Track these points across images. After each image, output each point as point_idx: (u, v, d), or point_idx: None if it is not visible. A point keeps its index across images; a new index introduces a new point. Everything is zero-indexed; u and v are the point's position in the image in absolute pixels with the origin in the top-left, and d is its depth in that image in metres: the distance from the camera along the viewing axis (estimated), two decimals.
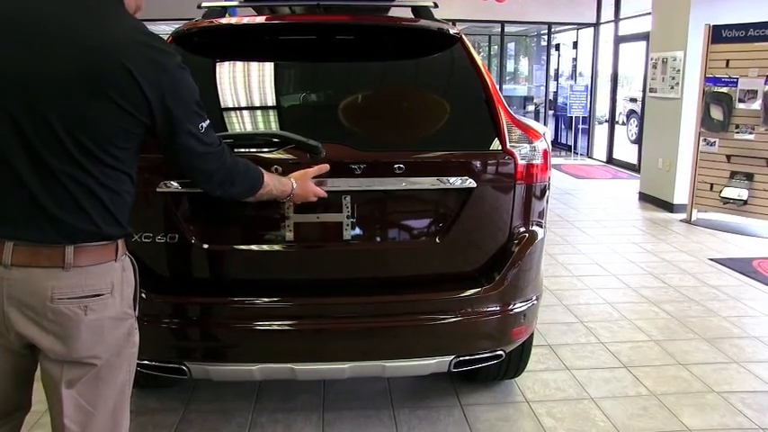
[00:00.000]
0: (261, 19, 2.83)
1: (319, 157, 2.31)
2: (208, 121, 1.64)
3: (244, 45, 2.72)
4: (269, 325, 2.37)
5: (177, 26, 2.74)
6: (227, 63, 2.65)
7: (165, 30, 12.68)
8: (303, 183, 2.17)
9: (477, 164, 2.44)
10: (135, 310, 1.64)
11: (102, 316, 1.51)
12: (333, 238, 2.42)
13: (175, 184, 2.29)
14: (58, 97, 1.40)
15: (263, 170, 1.98)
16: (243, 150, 2.41)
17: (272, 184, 2.00)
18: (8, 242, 1.43)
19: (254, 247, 2.43)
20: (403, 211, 2.55)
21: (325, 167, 2.25)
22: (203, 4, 2.96)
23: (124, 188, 1.55)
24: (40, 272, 1.44)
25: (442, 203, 2.49)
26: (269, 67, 2.68)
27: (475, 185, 2.42)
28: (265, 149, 2.38)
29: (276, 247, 2.43)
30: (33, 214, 1.44)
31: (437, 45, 2.65)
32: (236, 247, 2.43)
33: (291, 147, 2.34)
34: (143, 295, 2.32)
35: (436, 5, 3.03)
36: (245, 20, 2.70)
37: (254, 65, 2.67)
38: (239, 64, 2.66)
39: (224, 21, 2.72)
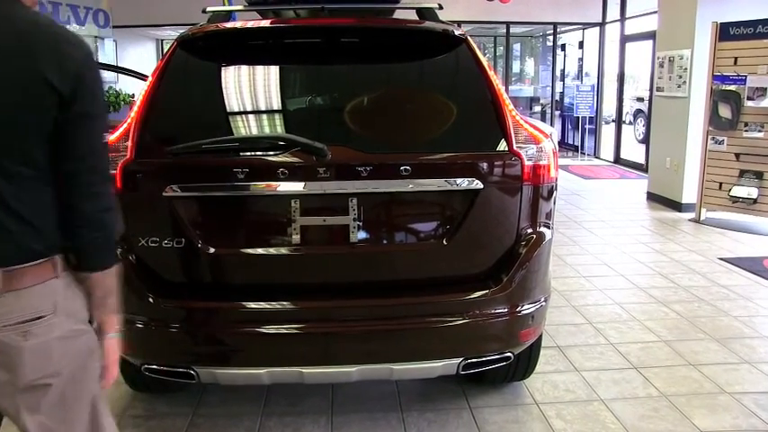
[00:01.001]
0: (266, 23, 2.84)
1: (325, 159, 2.30)
2: (108, 135, 1.50)
3: (249, 49, 2.72)
4: (277, 329, 2.37)
5: (182, 31, 2.75)
6: (232, 67, 2.65)
7: (170, 35, 12.74)
8: (112, 351, 1.68)
9: (484, 165, 2.43)
10: (91, 322, 1.52)
11: (46, 339, 1.39)
12: (339, 240, 2.42)
13: (182, 188, 2.29)
14: None
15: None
16: (249, 154, 2.42)
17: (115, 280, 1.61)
18: None
19: (260, 250, 2.42)
20: (410, 214, 2.54)
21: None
22: (208, 9, 2.97)
23: (50, 200, 1.40)
24: None
25: (449, 205, 2.48)
26: (274, 71, 2.69)
27: (482, 187, 2.41)
28: (271, 153, 2.38)
29: (283, 251, 2.42)
30: None
31: (442, 47, 2.64)
32: (242, 250, 2.43)
33: (297, 150, 2.34)
34: (150, 300, 2.35)
35: (441, 7, 3.02)
36: (250, 24, 2.70)
37: (259, 68, 2.67)
38: (244, 68, 2.66)
39: (228, 25, 2.73)
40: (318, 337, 2.41)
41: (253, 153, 2.41)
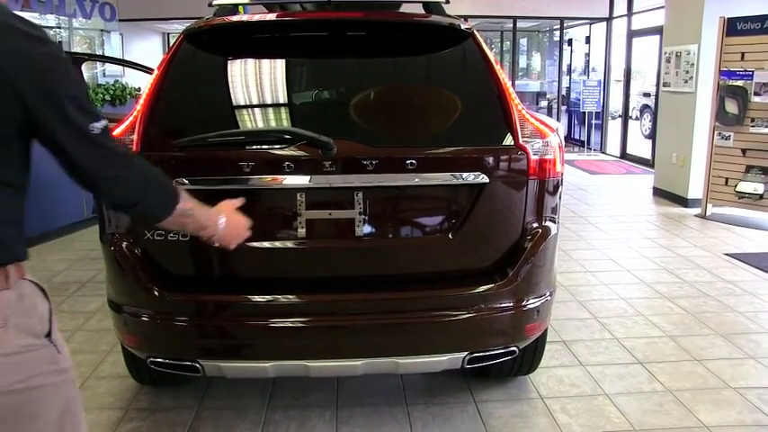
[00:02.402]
0: (272, 16, 2.83)
1: (331, 153, 2.31)
2: (104, 122, 1.35)
3: (255, 42, 2.72)
4: (282, 322, 2.38)
5: (188, 24, 2.75)
6: (238, 61, 2.66)
7: (177, 28, 12.75)
8: (232, 216, 1.82)
9: (490, 159, 2.42)
10: (50, 335, 1.37)
11: None
12: (345, 234, 2.42)
13: (186, 181, 2.30)
14: None
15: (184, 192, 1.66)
16: (255, 147, 2.42)
17: (194, 204, 1.63)
18: None
19: (266, 244, 2.43)
20: (415, 208, 2.54)
21: (239, 203, 1.91)
22: (214, 2, 2.97)
23: (7, 204, 1.29)
24: None
25: (455, 199, 2.48)
26: (280, 65, 2.69)
27: (487, 181, 2.40)
28: (277, 146, 2.38)
29: (289, 244, 2.43)
30: None
31: (449, 41, 2.64)
32: (248, 244, 2.43)
33: (303, 143, 2.34)
34: (156, 293, 2.35)
35: (448, 1, 3.02)
36: (257, 17, 2.70)
37: (265, 62, 2.67)
38: (250, 61, 2.66)
39: (235, 18, 2.73)
40: (324, 330, 2.41)
41: (259, 146, 2.41)
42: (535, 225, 2.53)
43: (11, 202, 1.30)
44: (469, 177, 2.40)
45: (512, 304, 2.46)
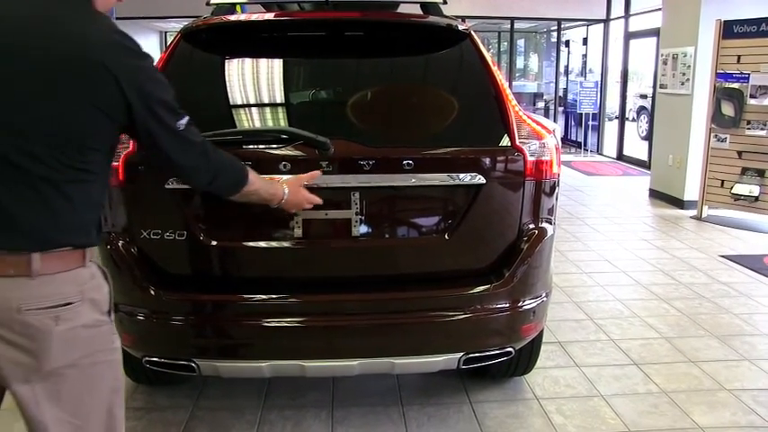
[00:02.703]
0: (270, 16, 2.83)
1: (328, 153, 2.30)
2: (187, 118, 1.57)
3: (252, 42, 2.72)
4: (278, 322, 2.38)
5: (186, 23, 2.75)
6: (235, 60, 2.65)
7: (174, 27, 12.74)
8: (295, 189, 2.09)
9: (487, 160, 2.43)
10: (110, 315, 1.55)
11: (74, 325, 1.42)
12: (342, 234, 2.42)
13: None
14: (25, 99, 1.33)
15: (250, 169, 1.86)
16: (251, 147, 2.42)
17: (260, 184, 1.90)
18: None
19: (262, 243, 2.43)
20: (412, 208, 2.55)
21: (317, 174, 2.22)
22: (212, 2, 2.96)
23: (94, 193, 1.47)
24: (4, 282, 1.35)
25: (451, 200, 2.48)
26: (278, 64, 2.69)
27: (484, 182, 2.41)
28: (274, 146, 2.38)
29: (285, 244, 2.43)
30: None
31: (446, 41, 2.64)
32: (244, 244, 2.44)
33: (300, 143, 2.34)
34: (152, 292, 2.35)
35: (445, 2, 3.02)
36: (254, 17, 2.70)
37: (262, 62, 2.67)
38: (248, 61, 2.66)
39: (233, 18, 2.73)
40: (320, 330, 2.41)
41: (256, 146, 2.41)
42: (531, 226, 2.53)
43: (96, 192, 1.49)
44: (466, 178, 2.40)
45: (508, 305, 2.46)
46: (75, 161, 1.39)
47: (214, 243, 2.39)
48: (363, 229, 2.42)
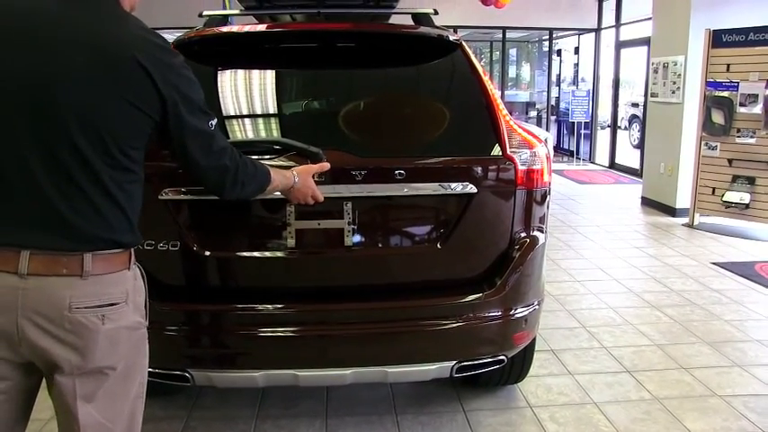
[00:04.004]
0: (262, 27, 2.85)
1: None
2: (215, 120, 1.63)
3: (245, 53, 2.74)
4: (272, 332, 2.38)
5: (179, 35, 2.77)
6: (228, 71, 2.67)
7: (167, 38, 12.74)
8: (305, 178, 2.11)
9: (478, 170, 2.45)
10: (146, 318, 1.61)
11: (118, 325, 1.48)
12: (334, 244, 2.44)
13: (177, 191, 2.31)
14: (72, 100, 1.38)
15: (268, 167, 1.91)
16: None
17: (278, 179, 1.95)
18: (24, 251, 1.38)
19: (255, 254, 2.44)
20: (404, 217, 2.56)
21: (327, 166, 2.23)
22: (204, 13, 2.98)
23: (137, 193, 1.53)
24: (57, 281, 1.40)
25: (443, 209, 2.50)
26: (270, 75, 2.70)
27: (476, 191, 2.43)
28: (266, 157, 2.39)
29: (278, 254, 2.44)
30: (51, 222, 1.40)
31: (437, 52, 2.67)
32: (238, 254, 2.45)
33: (293, 154, 2.35)
34: (148, 300, 2.35)
35: (436, 12, 3.05)
36: (246, 28, 2.72)
37: (255, 73, 2.69)
38: (240, 72, 2.67)
39: (225, 29, 2.75)
40: (313, 339, 2.42)
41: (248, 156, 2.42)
42: (523, 235, 2.55)
43: (138, 194, 1.54)
44: (457, 188, 2.42)
45: (500, 313, 2.48)
46: (119, 161, 1.44)
47: (207, 253, 2.40)
48: (356, 238, 2.44)
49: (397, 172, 2.37)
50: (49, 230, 1.40)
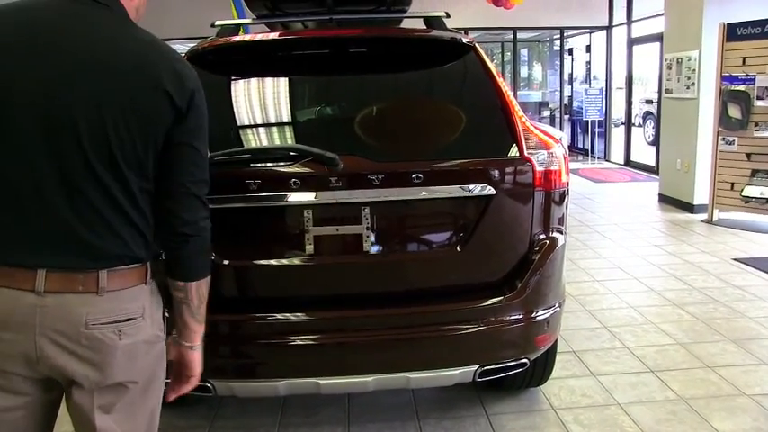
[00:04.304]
0: (274, 35, 2.86)
1: (336, 169, 2.32)
2: (209, 154, 1.60)
3: (258, 61, 2.74)
4: (293, 340, 2.38)
5: (192, 45, 2.78)
6: (242, 80, 2.68)
7: (180, 49, 12.83)
8: (199, 358, 1.74)
9: (496, 172, 2.43)
10: (164, 332, 1.61)
11: (136, 340, 1.47)
12: (353, 249, 2.43)
13: None
14: (89, 120, 1.37)
15: None
16: (260, 165, 2.43)
17: (206, 301, 1.70)
18: (40, 270, 1.38)
19: (274, 261, 2.44)
20: (422, 222, 2.55)
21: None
22: (216, 23, 2.99)
23: (151, 209, 1.51)
24: (73, 297, 1.40)
25: (462, 213, 2.49)
26: (284, 83, 2.70)
27: (494, 193, 2.41)
28: (282, 164, 2.39)
29: (296, 261, 2.43)
30: (66, 240, 1.40)
31: (450, 55, 2.65)
32: (256, 262, 2.44)
33: (308, 160, 2.35)
34: (166, 314, 2.36)
35: (448, 15, 3.04)
36: (259, 36, 2.72)
37: (268, 81, 2.69)
38: (254, 80, 2.68)
39: (237, 38, 2.75)
40: (335, 347, 2.41)
41: (264, 164, 2.42)
42: (542, 236, 2.53)
43: (150, 208, 1.51)
44: (476, 190, 2.40)
45: (521, 316, 2.46)
46: (134, 179, 1.44)
47: (226, 262, 2.40)
48: (375, 243, 2.42)
49: (414, 175, 2.35)
50: (64, 250, 1.40)
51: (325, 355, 2.42)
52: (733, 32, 6.42)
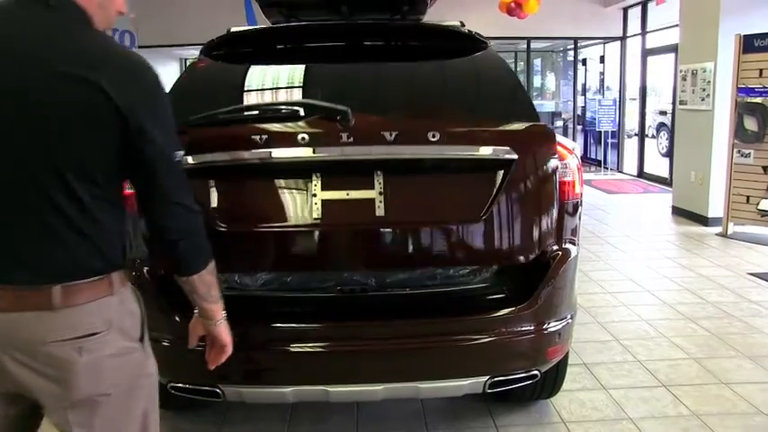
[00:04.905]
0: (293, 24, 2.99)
1: (348, 123, 2.22)
2: (182, 153, 1.50)
3: (275, 50, 2.91)
4: (303, 347, 2.36)
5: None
6: (256, 66, 2.82)
7: (193, 54, 12.92)
8: (226, 330, 1.85)
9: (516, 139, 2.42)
10: (143, 340, 1.54)
11: (99, 356, 1.39)
12: (364, 217, 2.32)
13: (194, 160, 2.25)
14: (26, 125, 1.30)
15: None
16: (268, 123, 2.38)
17: (215, 283, 1.69)
18: None
19: (277, 228, 2.36)
20: (435, 200, 2.48)
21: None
22: (232, 30, 3.01)
23: (110, 218, 1.42)
24: (27, 315, 1.34)
25: (482, 181, 2.44)
26: (299, 70, 2.80)
27: (516, 157, 2.36)
28: (290, 122, 2.32)
29: (303, 228, 2.33)
30: (11, 254, 1.35)
31: (469, 50, 2.78)
32: (258, 229, 2.40)
33: (318, 117, 2.29)
34: (177, 319, 2.35)
35: (463, 25, 3.04)
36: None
37: (284, 69, 2.84)
38: (269, 67, 2.84)
39: (251, 28, 2.91)
40: (344, 355, 2.39)
41: (272, 123, 2.36)
42: (555, 247, 2.51)
43: (114, 217, 1.44)
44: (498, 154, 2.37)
45: (533, 328, 2.43)
46: (82, 187, 1.35)
47: (226, 228, 2.36)
48: (387, 211, 2.29)
49: (430, 141, 2.30)
50: (11, 264, 1.35)
51: (335, 362, 2.40)
52: (750, 44, 6.38)
